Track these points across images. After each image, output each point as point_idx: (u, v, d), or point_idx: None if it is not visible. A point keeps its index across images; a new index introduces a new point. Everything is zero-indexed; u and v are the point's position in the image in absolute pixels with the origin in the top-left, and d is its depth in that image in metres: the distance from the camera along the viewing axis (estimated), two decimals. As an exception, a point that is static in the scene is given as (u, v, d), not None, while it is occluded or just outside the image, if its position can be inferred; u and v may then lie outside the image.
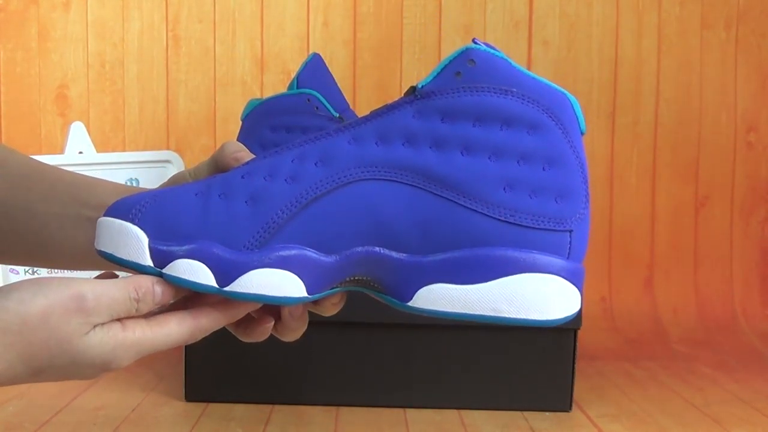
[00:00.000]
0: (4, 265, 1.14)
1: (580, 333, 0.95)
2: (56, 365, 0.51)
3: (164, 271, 0.54)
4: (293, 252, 0.54)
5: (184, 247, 0.54)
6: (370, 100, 1.42)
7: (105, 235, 0.55)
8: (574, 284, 0.54)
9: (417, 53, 1.41)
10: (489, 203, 0.53)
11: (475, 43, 0.55)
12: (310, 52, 1.41)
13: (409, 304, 0.55)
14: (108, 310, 0.52)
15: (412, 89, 0.55)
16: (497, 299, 0.53)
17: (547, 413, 0.94)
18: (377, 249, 0.54)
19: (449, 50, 1.41)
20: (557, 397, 0.94)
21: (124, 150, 1.40)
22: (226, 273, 0.54)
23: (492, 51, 0.55)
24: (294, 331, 0.61)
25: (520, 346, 0.94)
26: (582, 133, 0.56)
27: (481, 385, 0.94)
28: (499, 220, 0.53)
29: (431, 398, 0.95)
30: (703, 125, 1.43)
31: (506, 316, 0.53)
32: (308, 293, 0.54)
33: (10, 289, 0.51)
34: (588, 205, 0.55)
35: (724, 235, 1.43)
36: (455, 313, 0.54)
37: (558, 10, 1.41)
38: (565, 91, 0.57)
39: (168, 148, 1.40)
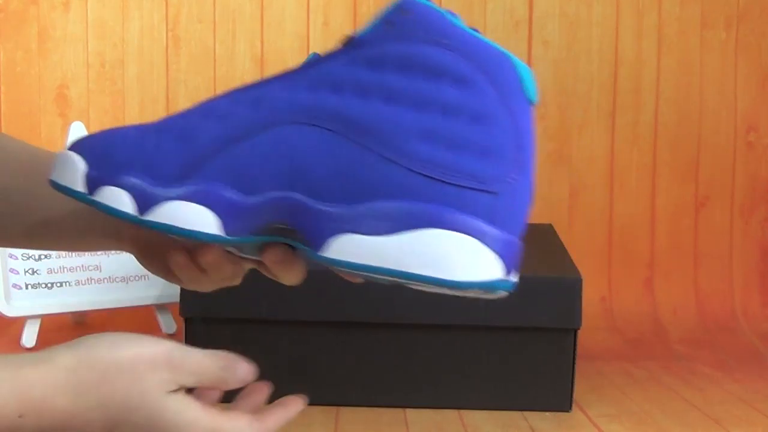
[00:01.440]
0: (3, 265, 1.14)
1: (580, 333, 0.95)
2: (132, 420, 0.51)
3: (92, 196, 0.55)
4: (211, 188, 0.54)
5: (112, 174, 0.55)
6: (370, 100, 1.41)
7: (56, 165, 0.57)
8: (492, 249, 0.51)
9: (417, 53, 1.41)
10: (404, 153, 0.51)
11: None
12: (310, 51, 1.41)
13: (321, 253, 0.52)
14: (195, 374, 0.51)
15: (348, 39, 0.54)
16: (402, 253, 0.51)
17: (547, 413, 0.94)
18: (295, 195, 0.53)
19: (449, 50, 1.41)
20: (557, 397, 0.94)
21: (124, 150, 1.40)
22: (144, 202, 0.54)
23: (428, 3, 0.53)
24: (281, 276, 0.59)
25: (520, 346, 0.94)
26: (531, 102, 0.53)
27: (481, 385, 0.94)
28: (412, 171, 0.51)
29: (431, 398, 0.94)
30: (703, 125, 1.43)
31: (410, 271, 0.51)
32: (225, 232, 0.54)
33: (102, 336, 0.51)
34: (525, 174, 0.52)
35: (724, 235, 1.43)
36: (365, 265, 0.51)
37: (558, 10, 1.41)
38: (511, 55, 0.53)
39: (168, 148, 1.40)
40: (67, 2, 1.40)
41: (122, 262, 1.20)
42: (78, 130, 1.19)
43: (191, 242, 0.57)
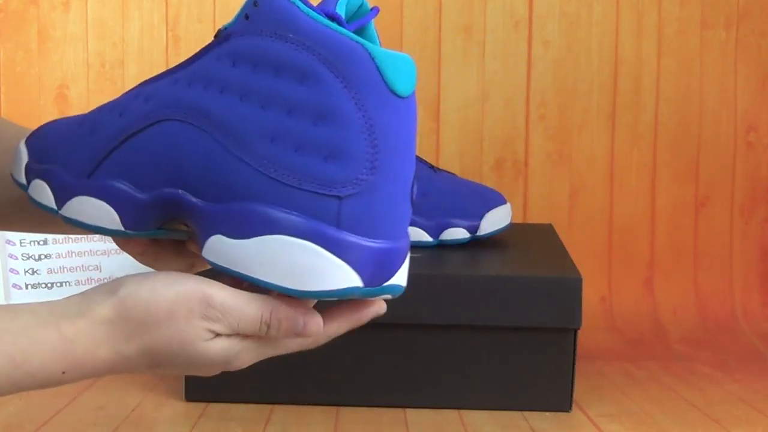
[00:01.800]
0: (3, 265, 1.14)
1: (580, 333, 0.95)
2: (176, 363, 0.51)
3: (28, 188, 0.55)
4: (109, 183, 0.54)
5: (42, 167, 0.55)
6: (370, 100, 1.41)
7: (14, 156, 0.58)
8: (338, 256, 0.49)
9: (417, 53, 1.41)
10: (255, 155, 0.50)
11: None
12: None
13: (202, 252, 0.52)
14: (232, 325, 0.50)
15: (217, 32, 0.53)
16: (251, 258, 0.50)
17: (547, 413, 0.94)
18: (180, 192, 0.52)
19: (449, 50, 1.41)
20: (557, 397, 0.94)
21: (124, 150, 1.40)
22: (62, 196, 0.55)
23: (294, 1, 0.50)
24: None
25: (520, 346, 0.94)
26: (398, 95, 0.49)
27: (481, 385, 0.94)
28: (263, 173, 0.50)
29: (431, 398, 0.94)
30: (703, 125, 1.43)
31: (259, 278, 0.50)
32: (124, 227, 0.54)
33: (144, 277, 0.50)
34: (384, 173, 0.49)
35: (724, 235, 1.43)
36: (228, 269, 0.51)
37: (558, 10, 1.41)
38: (369, 45, 0.49)
39: (168, 148, 1.40)
40: (67, 2, 1.40)
41: (122, 262, 1.20)
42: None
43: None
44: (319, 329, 0.51)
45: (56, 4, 1.40)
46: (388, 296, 0.53)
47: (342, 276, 0.49)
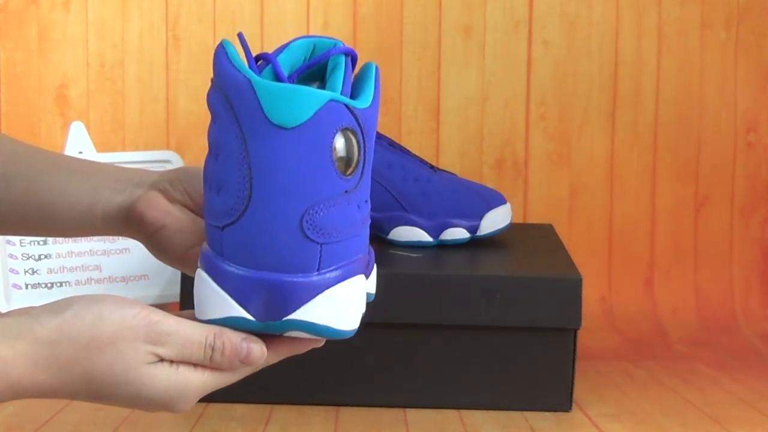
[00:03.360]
0: (3, 265, 1.14)
1: (580, 333, 0.95)
2: (119, 392, 0.50)
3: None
4: None
5: None
6: (370, 100, 1.41)
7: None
8: (220, 286, 0.50)
9: (417, 53, 1.41)
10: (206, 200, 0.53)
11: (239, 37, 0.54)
12: (310, 52, 1.40)
13: None
14: (177, 348, 0.50)
15: None
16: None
17: (547, 413, 0.94)
18: None
19: (449, 50, 1.41)
20: (557, 397, 0.94)
21: (123, 150, 1.40)
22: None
23: (223, 42, 0.53)
24: None
25: (520, 346, 0.94)
26: (280, 126, 0.49)
27: (481, 385, 0.94)
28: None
29: (431, 398, 0.94)
30: (703, 125, 1.43)
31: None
32: None
33: (91, 300, 0.50)
34: (255, 205, 0.50)
35: (724, 235, 1.43)
36: None
37: (558, 10, 1.41)
38: (252, 77, 0.50)
39: (168, 148, 1.40)
40: (67, 2, 1.40)
41: (122, 262, 1.20)
42: (78, 130, 1.19)
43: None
44: (262, 356, 0.52)
45: (56, 4, 1.40)
46: (305, 334, 0.53)
47: (224, 305, 0.51)
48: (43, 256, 1.17)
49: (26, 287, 1.14)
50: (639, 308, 1.38)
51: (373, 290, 0.60)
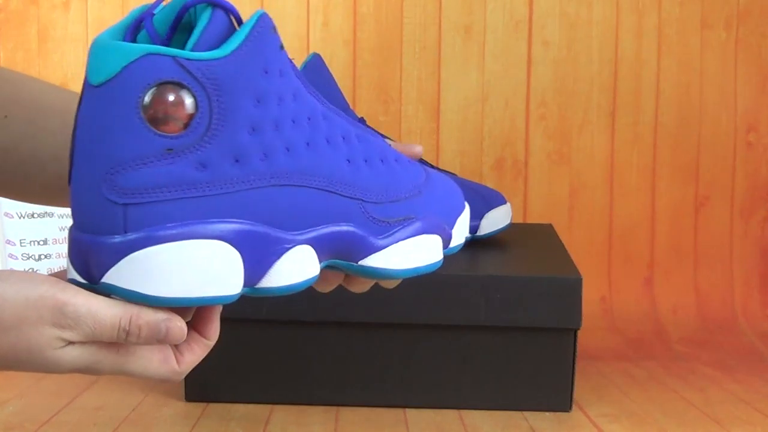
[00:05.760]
0: (3, 265, 1.14)
1: (580, 333, 0.95)
2: (25, 368, 0.48)
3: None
4: None
5: None
6: (370, 100, 1.42)
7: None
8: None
9: (417, 53, 1.41)
10: None
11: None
12: (310, 52, 1.41)
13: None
14: (87, 332, 0.47)
15: None
16: None
17: (547, 413, 0.94)
18: None
19: (449, 50, 1.41)
20: (557, 397, 0.94)
21: (124, 150, 1.40)
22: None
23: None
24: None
25: (520, 346, 0.94)
26: (91, 84, 0.48)
27: (481, 385, 0.94)
28: None
29: (431, 398, 0.94)
30: (703, 125, 1.43)
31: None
32: None
33: None
34: (72, 163, 0.49)
35: (724, 235, 1.43)
36: None
37: (558, 10, 1.41)
38: (97, 37, 0.49)
39: (168, 148, 1.40)
40: (67, 2, 1.40)
41: (122, 262, 1.20)
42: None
43: None
44: (182, 335, 0.49)
45: (56, 4, 1.40)
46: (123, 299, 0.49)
47: (68, 267, 0.50)
48: (43, 256, 1.17)
49: (26, 287, 1.14)
50: (639, 308, 1.38)
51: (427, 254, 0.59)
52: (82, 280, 0.49)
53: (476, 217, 1.09)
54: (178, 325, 0.49)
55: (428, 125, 1.42)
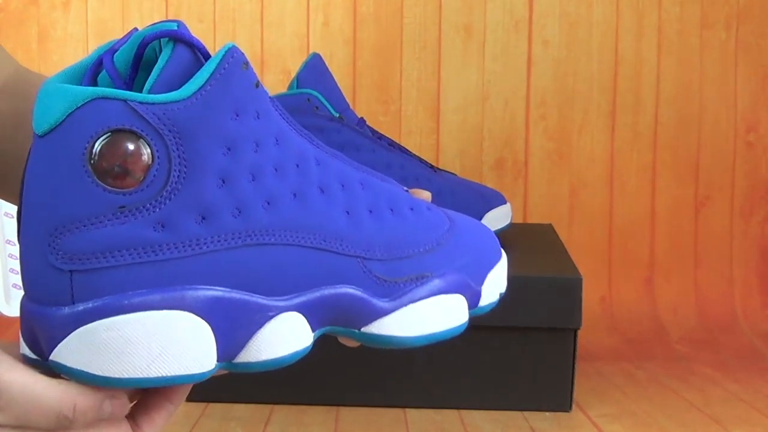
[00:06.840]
0: (3, 265, 1.14)
1: (580, 333, 0.95)
2: None
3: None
4: None
5: None
6: (369, 100, 1.42)
7: None
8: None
9: (417, 53, 1.41)
10: None
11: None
12: (310, 52, 1.41)
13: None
14: (18, 416, 0.41)
15: None
16: None
17: (547, 413, 0.94)
18: None
19: (449, 50, 1.41)
20: (557, 397, 0.94)
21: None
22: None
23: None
24: None
25: (520, 346, 0.94)
26: (36, 134, 0.42)
27: (481, 385, 0.94)
28: None
29: (431, 398, 0.94)
30: (703, 125, 1.43)
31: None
32: None
33: None
34: (18, 225, 0.44)
35: (724, 235, 1.43)
36: None
37: (558, 10, 1.41)
38: (45, 83, 0.43)
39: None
40: (67, 2, 1.40)
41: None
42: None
43: None
44: (124, 411, 0.44)
45: (56, 4, 1.40)
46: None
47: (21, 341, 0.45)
48: (43, 256, 1.17)
49: (26, 287, 1.14)
50: (639, 308, 1.38)
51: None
52: (34, 356, 0.43)
53: (476, 217, 1.09)
54: (121, 401, 0.43)
55: (428, 125, 1.42)
